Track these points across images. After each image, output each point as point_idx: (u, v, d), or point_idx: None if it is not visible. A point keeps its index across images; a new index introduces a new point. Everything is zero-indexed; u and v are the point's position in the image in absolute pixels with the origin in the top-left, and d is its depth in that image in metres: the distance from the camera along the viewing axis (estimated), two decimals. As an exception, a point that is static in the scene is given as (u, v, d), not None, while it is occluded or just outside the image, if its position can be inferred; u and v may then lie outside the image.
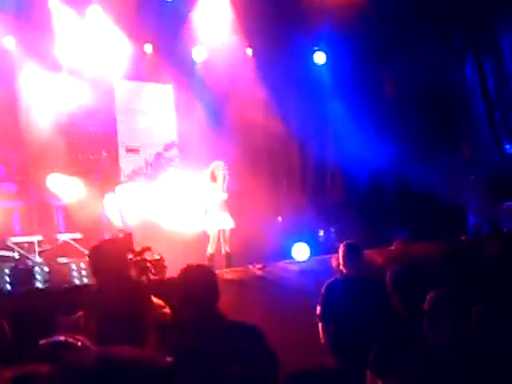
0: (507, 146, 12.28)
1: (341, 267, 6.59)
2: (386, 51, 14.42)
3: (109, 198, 12.12)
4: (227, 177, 10.78)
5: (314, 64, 15.06)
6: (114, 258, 4.51)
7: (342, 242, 6.81)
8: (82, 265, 10.17)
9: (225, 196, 10.75)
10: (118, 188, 12.46)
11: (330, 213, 13.44)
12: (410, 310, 4.38)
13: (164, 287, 6.11)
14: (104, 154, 12.69)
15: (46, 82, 12.08)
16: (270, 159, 13.62)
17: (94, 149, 12.61)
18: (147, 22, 12.87)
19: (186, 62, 13.97)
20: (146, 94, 13.91)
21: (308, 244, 11.58)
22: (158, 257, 9.83)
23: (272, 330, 3.86)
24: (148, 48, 13.56)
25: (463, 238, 10.98)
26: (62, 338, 3.38)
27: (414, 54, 13.94)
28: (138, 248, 9.63)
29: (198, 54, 14.07)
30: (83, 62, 12.53)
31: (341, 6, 12.76)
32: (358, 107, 14.35)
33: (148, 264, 9.41)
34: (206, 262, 9.51)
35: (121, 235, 10.23)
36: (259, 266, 10.11)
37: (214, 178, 10.75)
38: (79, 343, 3.30)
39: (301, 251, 11.50)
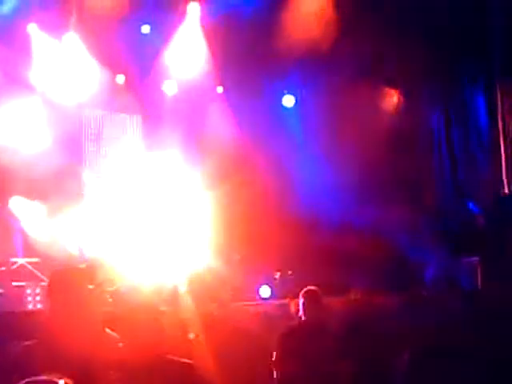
0: (470, 204, 12.42)
1: (300, 314, 6.61)
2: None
3: (70, 226, 12.05)
4: None
5: (283, 107, 15.24)
6: (74, 286, 4.44)
7: (301, 288, 6.83)
8: (38, 290, 10.09)
9: None
10: (80, 217, 12.38)
11: (288, 255, 13.44)
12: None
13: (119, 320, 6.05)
14: (69, 181, 12.60)
15: (16, 104, 12.02)
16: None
17: (59, 175, 12.51)
18: (122, 52, 12.93)
19: (156, 94, 14.03)
20: (114, 124, 13.91)
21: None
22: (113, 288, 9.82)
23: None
24: (120, 79, 13.58)
25: (424, 292, 11.01)
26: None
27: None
28: (99, 280, 9.58)
29: (169, 88, 14.16)
30: (55, 88, 12.52)
31: (309, 52, 12.96)
32: (324, 151, 14.47)
33: (107, 296, 9.38)
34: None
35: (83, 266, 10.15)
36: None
37: None
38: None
39: (265, 291, 11.79)
